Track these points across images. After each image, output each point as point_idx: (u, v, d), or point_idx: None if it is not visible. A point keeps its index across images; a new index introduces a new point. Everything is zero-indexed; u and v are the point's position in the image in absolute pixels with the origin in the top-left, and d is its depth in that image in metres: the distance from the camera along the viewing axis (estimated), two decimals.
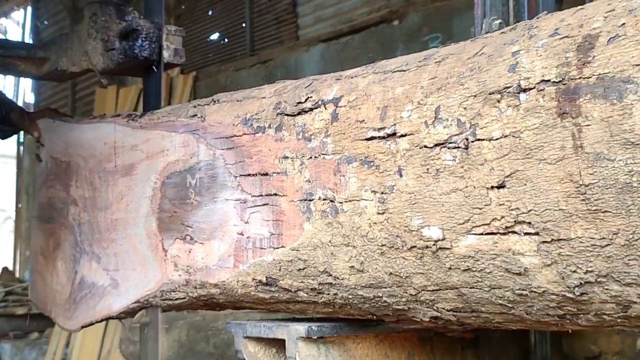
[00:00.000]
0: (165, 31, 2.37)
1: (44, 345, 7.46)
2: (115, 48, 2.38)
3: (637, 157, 1.11)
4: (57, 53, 2.70)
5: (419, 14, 6.31)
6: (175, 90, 8.53)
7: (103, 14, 2.42)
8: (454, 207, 1.36)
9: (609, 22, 1.20)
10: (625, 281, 1.19)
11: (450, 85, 1.39)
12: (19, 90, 14.38)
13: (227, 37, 8.75)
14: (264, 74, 7.91)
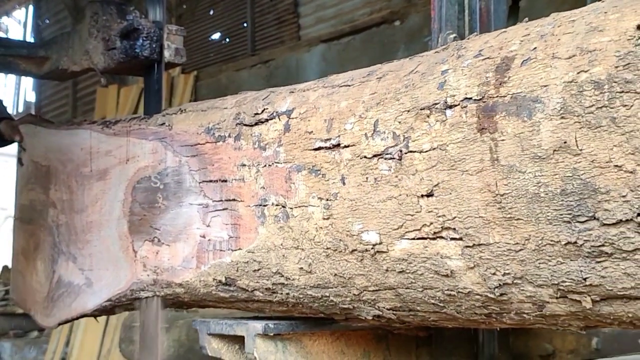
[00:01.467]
0: (167, 30, 2.36)
1: (43, 344, 7.47)
2: (116, 47, 2.36)
3: (544, 170, 1.21)
4: (58, 52, 2.69)
5: (420, 14, 6.26)
6: (176, 89, 8.53)
7: (104, 13, 2.42)
8: (390, 213, 1.46)
9: (523, 45, 1.30)
10: (537, 283, 1.29)
11: (387, 101, 1.49)
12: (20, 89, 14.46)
13: (229, 37, 8.73)
14: (265, 74, 7.92)
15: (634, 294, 1.19)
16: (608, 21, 1.18)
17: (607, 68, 1.14)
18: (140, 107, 7.99)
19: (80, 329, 7.07)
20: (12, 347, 7.55)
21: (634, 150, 1.10)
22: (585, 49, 1.18)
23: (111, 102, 8.75)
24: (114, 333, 6.68)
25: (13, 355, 7.49)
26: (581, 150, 1.16)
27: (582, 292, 1.24)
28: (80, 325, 7.01)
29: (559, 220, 1.21)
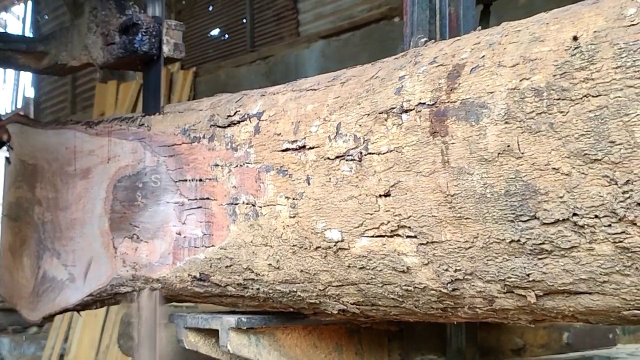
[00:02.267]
0: (166, 26, 2.33)
1: (42, 340, 7.49)
2: (115, 42, 2.35)
3: (490, 172, 1.28)
4: (57, 47, 2.67)
5: None
6: (175, 85, 8.57)
7: (103, 8, 2.41)
8: (350, 212, 1.52)
9: (473, 53, 1.36)
10: (486, 278, 1.36)
11: (350, 104, 1.56)
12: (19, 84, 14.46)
13: (228, 33, 8.81)
14: (264, 70, 7.94)
15: (573, 289, 1.26)
16: (549, 32, 1.25)
17: (546, 76, 1.20)
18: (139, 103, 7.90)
19: (79, 325, 7.09)
20: (10, 343, 7.58)
21: (569, 154, 1.17)
22: (527, 57, 1.25)
23: (110, 97, 8.79)
24: (112, 329, 6.71)
25: (12, 351, 7.54)
26: (523, 154, 1.23)
27: (527, 287, 1.31)
28: (79, 321, 7.04)
29: (503, 220, 1.27)
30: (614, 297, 1.23)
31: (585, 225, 1.17)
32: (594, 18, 1.19)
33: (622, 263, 1.17)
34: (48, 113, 12.19)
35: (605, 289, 1.22)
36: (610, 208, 1.13)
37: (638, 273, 1.16)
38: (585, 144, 1.14)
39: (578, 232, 1.19)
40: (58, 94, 11.93)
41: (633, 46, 1.10)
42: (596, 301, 1.26)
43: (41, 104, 12.60)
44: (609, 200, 1.13)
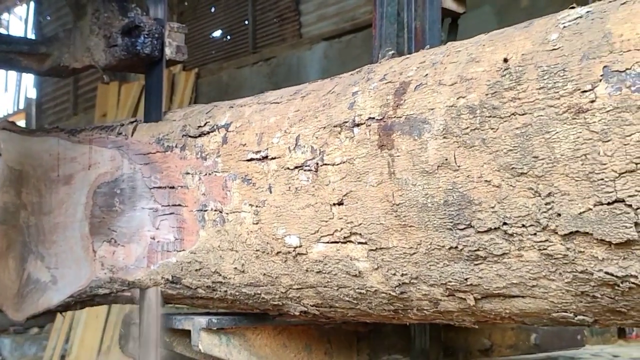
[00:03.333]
0: (168, 28, 2.33)
1: (43, 341, 7.44)
2: (117, 44, 2.34)
3: (430, 183, 1.36)
4: (60, 49, 2.67)
5: None
6: (177, 87, 8.53)
7: (106, 10, 2.41)
8: (308, 219, 1.61)
9: (418, 71, 1.45)
10: (429, 282, 1.44)
11: (308, 118, 1.65)
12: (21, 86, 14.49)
13: (230, 35, 8.76)
14: (266, 72, 7.92)
15: (507, 292, 1.35)
16: (484, 53, 1.34)
17: (479, 95, 1.29)
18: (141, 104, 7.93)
19: (80, 325, 7.06)
20: (11, 344, 7.51)
21: (499, 168, 1.25)
22: (464, 77, 1.34)
23: (112, 99, 8.75)
24: (113, 330, 6.68)
25: (13, 352, 7.48)
26: (459, 167, 1.31)
27: (466, 290, 1.40)
28: (80, 322, 7.04)
29: (443, 228, 1.36)
30: (543, 300, 1.31)
31: (514, 233, 1.26)
32: (523, 42, 1.28)
33: (547, 269, 1.25)
34: (50, 114, 12.20)
35: (535, 292, 1.31)
36: (535, 218, 1.22)
37: (562, 278, 1.25)
38: (513, 158, 1.23)
39: (508, 239, 1.27)
40: (60, 95, 11.90)
41: (554, 69, 1.19)
42: (528, 304, 1.35)
43: (43, 105, 12.58)
44: (534, 211, 1.22)
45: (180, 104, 8.36)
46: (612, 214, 1.11)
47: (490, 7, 5.98)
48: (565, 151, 1.16)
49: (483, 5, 5.99)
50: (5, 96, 15.15)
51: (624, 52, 1.11)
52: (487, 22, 5.63)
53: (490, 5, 5.97)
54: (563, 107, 1.16)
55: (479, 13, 6.00)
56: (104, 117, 8.85)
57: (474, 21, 6.02)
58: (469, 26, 5.78)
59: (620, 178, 1.09)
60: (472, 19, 6.09)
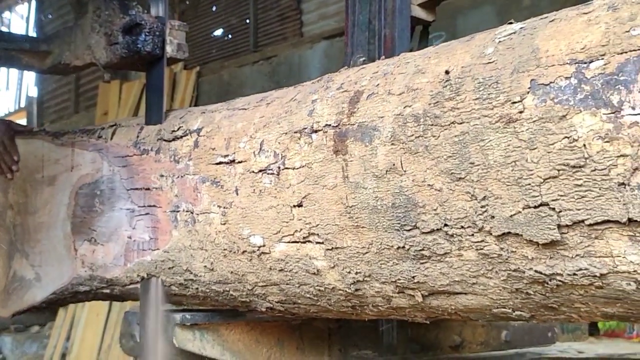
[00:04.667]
0: (169, 26, 2.31)
1: (44, 339, 7.46)
2: (118, 42, 2.33)
3: (380, 186, 1.44)
4: (61, 47, 2.66)
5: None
6: (178, 85, 8.51)
7: (107, 8, 2.40)
8: (270, 220, 1.69)
9: (371, 81, 1.53)
10: (381, 280, 1.52)
11: (272, 124, 1.73)
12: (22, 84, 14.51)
13: (231, 33, 8.72)
14: (267, 71, 7.89)
15: (450, 289, 1.43)
16: (429, 65, 1.42)
17: (423, 104, 1.37)
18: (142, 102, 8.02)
19: (81, 324, 7.07)
20: (12, 342, 7.54)
21: (440, 173, 1.33)
22: (411, 87, 1.41)
23: (113, 97, 8.77)
24: (114, 328, 6.69)
25: (14, 350, 7.50)
26: (405, 171, 1.39)
27: (414, 288, 1.48)
28: (80, 321, 7.06)
29: (392, 229, 1.44)
30: (484, 297, 1.39)
31: (454, 234, 1.34)
32: (463, 55, 1.36)
33: (485, 267, 1.33)
34: (51, 112, 12.19)
35: (476, 289, 1.39)
36: (472, 220, 1.30)
37: (498, 276, 1.33)
38: (452, 164, 1.31)
39: (449, 240, 1.35)
40: (61, 94, 11.84)
41: (488, 81, 1.27)
42: (471, 300, 1.43)
43: (44, 103, 12.55)
44: (471, 213, 1.30)
45: (182, 102, 8.35)
46: (538, 217, 1.19)
47: (491, 6, 5.97)
48: (498, 158, 1.23)
49: (484, 4, 5.99)
50: (6, 94, 15.20)
51: (548, 66, 1.19)
52: (488, 21, 5.58)
53: (492, 5, 5.96)
54: (496, 117, 1.24)
55: (480, 12, 6.00)
56: (105, 116, 8.86)
57: (476, 20, 6.04)
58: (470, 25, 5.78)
59: (545, 183, 1.17)
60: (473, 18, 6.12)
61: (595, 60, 1.13)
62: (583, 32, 1.17)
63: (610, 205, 1.10)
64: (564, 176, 1.15)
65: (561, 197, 1.16)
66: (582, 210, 1.14)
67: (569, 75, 1.15)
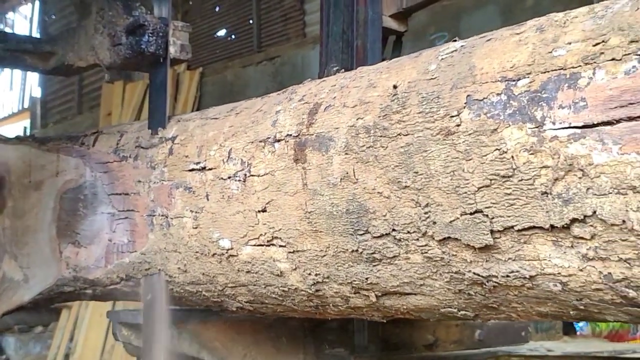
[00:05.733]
0: (172, 27, 2.30)
1: (48, 339, 7.42)
2: (122, 43, 2.32)
3: (335, 193, 1.52)
4: (64, 47, 2.65)
5: (426, 12, 6.03)
6: (181, 86, 8.53)
7: (110, 9, 2.39)
8: (238, 224, 1.77)
9: (329, 94, 1.61)
10: (339, 281, 1.61)
11: (239, 133, 1.81)
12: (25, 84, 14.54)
13: (234, 34, 8.74)
14: (270, 71, 7.93)
15: (401, 290, 1.51)
16: (381, 79, 1.50)
17: (374, 117, 1.45)
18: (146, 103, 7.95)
19: (85, 324, 7.07)
20: (16, 342, 7.48)
21: (389, 181, 1.41)
22: (363, 100, 1.50)
23: (117, 98, 8.79)
24: None
25: (17, 350, 7.44)
26: (357, 180, 1.47)
27: (368, 289, 1.56)
28: (84, 321, 7.07)
29: (346, 233, 1.52)
30: (431, 297, 1.48)
31: (401, 238, 1.42)
32: (410, 70, 1.44)
33: (430, 270, 1.42)
34: (55, 113, 12.20)
35: (424, 290, 1.47)
36: (417, 225, 1.38)
37: (442, 278, 1.41)
38: (399, 173, 1.39)
39: (397, 244, 1.43)
40: (65, 94, 11.82)
41: (431, 96, 1.35)
42: (420, 300, 1.51)
43: (48, 104, 12.56)
44: (416, 219, 1.38)
45: (185, 103, 8.35)
46: (474, 223, 1.28)
47: (494, 6, 5.97)
48: (438, 168, 1.32)
49: (488, 4, 6.00)
50: (10, 95, 15.24)
51: (483, 83, 1.27)
52: (491, 21, 5.62)
53: (495, 5, 5.96)
54: (436, 130, 1.32)
55: (483, 12, 6.02)
56: (109, 116, 8.88)
57: (479, 20, 6.06)
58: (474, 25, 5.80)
59: (479, 192, 1.25)
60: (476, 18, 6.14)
61: (522, 78, 1.21)
62: (513, 51, 1.25)
63: (535, 213, 1.19)
64: (495, 185, 1.23)
65: (493, 205, 1.24)
66: (511, 217, 1.22)
67: (500, 91, 1.23)
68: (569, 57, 1.16)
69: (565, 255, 1.18)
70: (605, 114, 1.09)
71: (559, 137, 1.14)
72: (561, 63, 1.16)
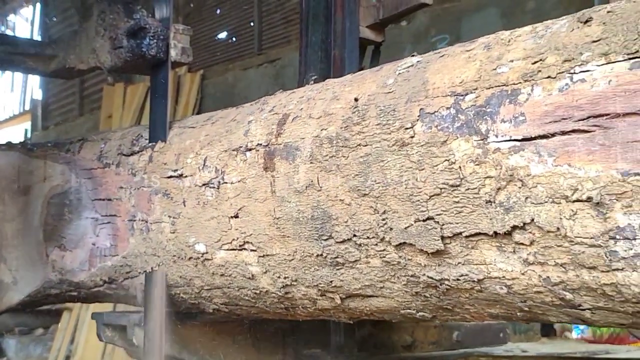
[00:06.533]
0: (173, 30, 2.29)
1: (48, 342, 7.40)
2: (123, 46, 2.30)
3: (301, 200, 1.59)
4: (65, 50, 2.64)
5: (427, 14, 6.24)
6: (182, 88, 8.49)
7: (111, 11, 2.38)
8: (212, 229, 1.84)
9: (297, 105, 1.68)
10: (306, 284, 1.67)
11: (214, 142, 1.88)
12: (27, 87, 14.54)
13: (235, 36, 8.70)
14: (271, 73, 7.92)
15: (363, 293, 1.57)
16: (344, 92, 1.57)
17: (336, 128, 1.52)
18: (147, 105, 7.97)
19: (85, 326, 7.08)
20: (17, 344, 7.47)
21: (350, 189, 1.48)
22: (327, 112, 1.57)
23: (117, 100, 8.78)
24: None
25: (18, 352, 7.43)
26: (321, 187, 1.54)
27: (333, 291, 1.63)
28: (85, 323, 7.09)
29: (312, 238, 1.59)
30: (391, 299, 1.54)
31: (362, 243, 1.49)
32: (370, 84, 1.51)
33: (388, 273, 1.48)
34: (56, 115, 12.17)
35: (384, 293, 1.54)
36: (375, 231, 1.45)
37: (400, 281, 1.48)
38: (359, 181, 1.46)
39: (358, 249, 1.50)
40: (66, 96, 11.80)
41: (388, 108, 1.42)
42: (381, 302, 1.57)
43: (49, 106, 12.52)
44: (374, 225, 1.45)
45: (186, 105, 8.31)
46: (426, 229, 1.34)
47: (495, 9, 5.98)
48: (394, 177, 1.39)
49: (488, 7, 6.00)
50: (11, 97, 15.25)
51: (434, 97, 1.34)
52: (492, 24, 5.64)
53: (496, 7, 5.97)
54: (392, 141, 1.39)
55: (484, 15, 6.01)
56: (110, 119, 8.86)
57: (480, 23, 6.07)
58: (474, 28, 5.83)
59: (431, 200, 1.32)
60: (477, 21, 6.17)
61: (469, 93, 1.28)
62: (463, 67, 1.32)
63: (480, 220, 1.25)
64: (445, 194, 1.30)
65: (444, 212, 1.31)
66: (460, 224, 1.29)
67: (449, 105, 1.30)
68: (510, 74, 1.22)
69: (508, 260, 1.25)
70: (541, 128, 1.16)
71: (501, 150, 1.21)
72: (504, 79, 1.23)
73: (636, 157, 1.04)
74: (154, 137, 2.15)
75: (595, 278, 1.13)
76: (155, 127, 2.19)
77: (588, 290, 1.17)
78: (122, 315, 2.29)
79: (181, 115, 7.80)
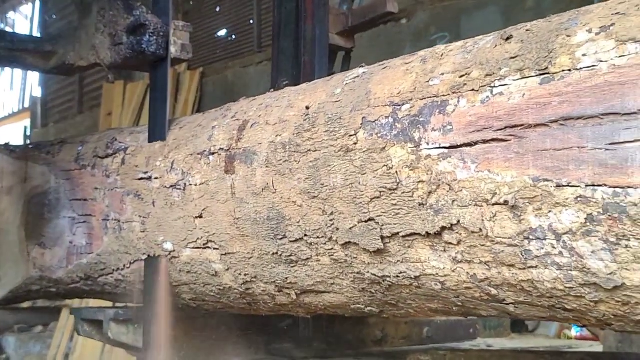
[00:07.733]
0: (173, 27, 2.27)
1: (48, 339, 7.40)
2: (122, 43, 2.29)
3: (258, 202, 1.68)
4: (65, 47, 2.62)
5: (427, 13, 6.26)
6: (182, 86, 8.45)
7: (111, 8, 2.36)
8: (179, 229, 1.92)
9: (256, 112, 1.77)
10: (264, 281, 1.76)
11: (182, 146, 1.96)
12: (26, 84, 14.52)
13: (235, 34, 8.62)
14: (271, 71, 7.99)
15: (316, 289, 1.66)
16: (297, 100, 1.65)
17: (289, 134, 1.61)
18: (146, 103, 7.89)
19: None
20: (16, 342, 7.46)
21: (301, 192, 1.57)
22: (282, 119, 1.65)
23: (117, 97, 8.75)
24: None
25: (17, 350, 7.41)
26: (276, 190, 1.63)
27: (289, 287, 1.71)
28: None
29: (268, 238, 1.67)
30: (341, 295, 1.63)
31: (312, 242, 1.57)
32: (321, 93, 1.60)
33: (337, 271, 1.57)
34: (55, 112, 12.08)
35: (335, 289, 1.63)
36: (324, 231, 1.53)
37: (348, 278, 1.56)
38: (309, 185, 1.54)
39: (309, 247, 1.59)
40: (65, 94, 11.74)
41: (335, 117, 1.50)
42: (333, 298, 1.66)
43: (48, 103, 12.41)
44: (323, 226, 1.53)
45: (185, 103, 8.28)
46: (368, 229, 1.43)
47: (495, 7, 5.98)
48: (340, 180, 1.47)
49: (488, 5, 6.00)
50: (10, 94, 15.23)
51: (375, 107, 1.42)
52: (492, 22, 5.61)
53: (496, 5, 5.97)
54: (338, 147, 1.48)
55: (484, 13, 5.96)
56: (109, 116, 8.81)
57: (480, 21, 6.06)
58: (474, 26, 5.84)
59: (372, 202, 1.41)
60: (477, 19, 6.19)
61: (405, 104, 1.37)
62: (401, 79, 1.41)
63: (415, 221, 1.34)
64: (384, 197, 1.38)
65: (383, 214, 1.39)
66: (397, 225, 1.38)
67: (388, 115, 1.39)
68: (441, 87, 1.31)
69: (440, 258, 1.34)
70: (466, 136, 1.24)
71: (432, 156, 1.29)
72: (435, 91, 1.32)
73: (545, 165, 1.12)
74: (153, 134, 2.15)
75: (514, 275, 1.22)
76: (155, 124, 2.18)
77: (509, 286, 1.25)
78: (99, 310, 2.38)
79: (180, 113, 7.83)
